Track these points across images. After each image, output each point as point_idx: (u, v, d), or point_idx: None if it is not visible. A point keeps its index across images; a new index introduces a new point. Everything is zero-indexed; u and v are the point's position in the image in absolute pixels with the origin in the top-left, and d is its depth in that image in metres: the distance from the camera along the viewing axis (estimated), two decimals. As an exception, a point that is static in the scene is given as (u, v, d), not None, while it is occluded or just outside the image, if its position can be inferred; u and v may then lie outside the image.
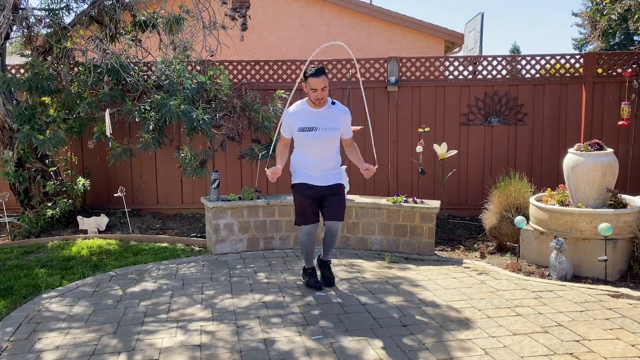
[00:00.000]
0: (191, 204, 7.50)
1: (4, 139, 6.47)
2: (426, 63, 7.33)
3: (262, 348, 3.25)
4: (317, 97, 3.98)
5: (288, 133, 4.16)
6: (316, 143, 4.07)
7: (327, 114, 4.08)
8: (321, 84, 3.93)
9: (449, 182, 7.20)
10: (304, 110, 4.10)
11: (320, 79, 3.93)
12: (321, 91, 3.96)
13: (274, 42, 11.02)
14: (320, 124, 4.04)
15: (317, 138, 4.05)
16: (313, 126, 4.04)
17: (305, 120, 4.06)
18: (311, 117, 4.06)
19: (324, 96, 4.00)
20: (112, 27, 6.44)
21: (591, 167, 4.86)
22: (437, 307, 3.88)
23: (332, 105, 4.13)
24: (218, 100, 6.68)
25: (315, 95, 3.97)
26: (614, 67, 7.09)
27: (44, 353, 3.26)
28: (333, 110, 4.11)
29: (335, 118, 4.09)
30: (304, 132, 4.05)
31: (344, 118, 4.14)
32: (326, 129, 4.05)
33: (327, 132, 4.05)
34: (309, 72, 3.98)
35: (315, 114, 4.07)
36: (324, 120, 4.06)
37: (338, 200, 4.17)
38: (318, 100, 4.00)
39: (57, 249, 5.72)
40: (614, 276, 4.63)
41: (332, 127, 4.06)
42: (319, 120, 4.05)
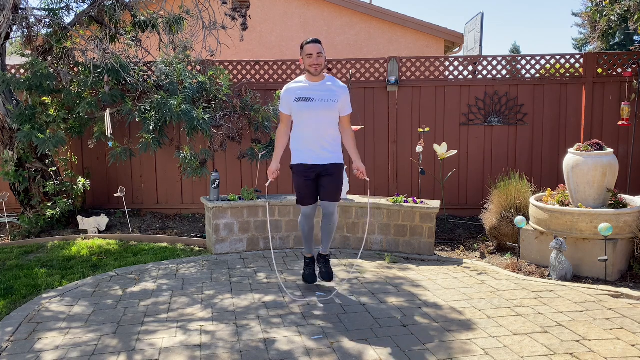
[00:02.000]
0: (191, 204, 7.50)
1: (4, 139, 6.47)
2: (426, 63, 7.33)
3: (262, 348, 3.25)
4: (313, 63, 4.00)
5: (286, 108, 4.16)
6: (313, 114, 4.04)
7: (325, 88, 4.10)
8: (316, 50, 3.99)
9: (449, 182, 7.20)
10: (302, 83, 4.14)
11: (315, 45, 4.00)
12: (317, 56, 3.99)
13: (274, 42, 11.02)
14: (317, 96, 4.05)
15: (313, 108, 4.03)
16: (310, 97, 4.05)
17: (302, 92, 4.08)
18: (308, 89, 4.08)
19: (320, 62, 4.02)
20: (112, 27, 6.45)
21: (591, 167, 4.86)
22: (437, 308, 3.88)
23: (332, 80, 4.16)
24: (218, 100, 6.69)
25: (311, 61, 4.00)
26: (614, 67, 7.09)
27: (44, 353, 3.26)
28: (331, 85, 4.13)
29: (333, 91, 4.09)
30: (300, 102, 4.05)
31: (341, 92, 4.13)
32: (322, 100, 4.04)
33: (324, 104, 4.04)
34: (304, 41, 4.06)
35: (313, 86, 4.09)
36: (321, 93, 4.06)
37: (333, 181, 4.13)
38: (314, 66, 4.01)
39: (57, 249, 5.72)
40: (614, 276, 4.63)
41: (329, 99, 4.05)
42: (316, 92, 4.06)
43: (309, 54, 4.00)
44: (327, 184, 4.13)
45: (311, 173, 4.12)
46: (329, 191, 4.13)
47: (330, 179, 4.12)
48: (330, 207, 4.16)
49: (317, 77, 4.10)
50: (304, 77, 4.16)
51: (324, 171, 4.11)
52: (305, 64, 4.06)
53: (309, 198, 4.17)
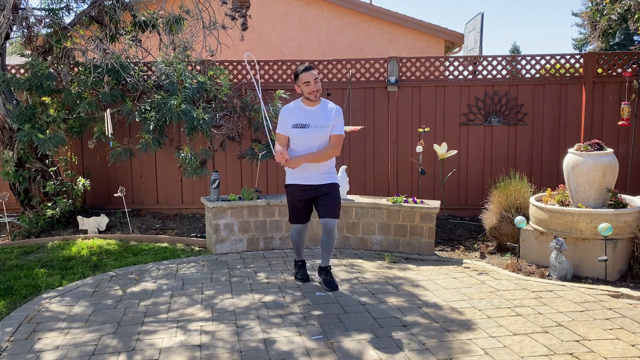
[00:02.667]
0: (191, 204, 7.50)
1: (4, 139, 6.47)
2: (426, 63, 7.33)
3: (262, 348, 3.25)
4: (312, 90, 4.09)
5: (284, 130, 4.23)
6: (308, 140, 4.13)
7: (321, 113, 4.18)
8: (313, 77, 4.08)
9: (449, 182, 7.19)
10: (299, 108, 4.22)
11: (310, 72, 4.09)
12: (314, 83, 4.08)
13: (274, 42, 11.02)
14: (312, 122, 4.14)
15: (308, 134, 4.13)
16: (306, 123, 4.14)
17: (299, 118, 4.17)
18: (305, 115, 4.17)
19: (318, 88, 4.11)
20: (112, 27, 6.45)
21: (591, 167, 4.86)
22: (437, 308, 3.88)
23: (326, 104, 4.23)
24: (218, 100, 6.69)
25: (310, 88, 4.09)
26: (614, 67, 7.09)
27: (44, 353, 3.26)
28: (325, 109, 4.21)
29: (328, 116, 4.17)
30: (296, 129, 4.16)
31: (335, 115, 4.19)
32: (317, 126, 4.14)
33: (318, 130, 4.13)
34: (299, 70, 4.14)
35: (309, 111, 4.18)
36: (317, 118, 4.15)
37: (331, 199, 4.19)
38: (313, 93, 4.09)
39: (57, 249, 5.72)
40: (614, 276, 4.63)
41: (324, 125, 4.15)
42: (312, 117, 4.15)
43: (306, 82, 4.08)
44: (325, 203, 4.19)
45: (305, 195, 4.22)
46: (329, 209, 4.18)
47: (327, 197, 4.20)
48: (330, 223, 4.19)
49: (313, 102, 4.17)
50: (300, 101, 4.24)
51: (319, 191, 4.21)
52: (304, 92, 4.13)
53: (301, 218, 4.34)
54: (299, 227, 4.38)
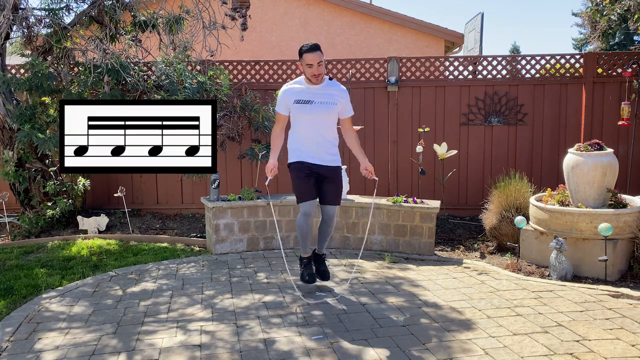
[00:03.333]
0: (191, 204, 7.50)
1: (4, 139, 6.47)
2: (426, 63, 7.33)
3: (262, 348, 3.25)
4: (314, 73, 3.90)
5: (284, 109, 4.07)
6: (312, 117, 3.98)
7: (324, 91, 4.02)
8: (317, 59, 3.86)
9: (449, 182, 7.19)
10: (301, 85, 4.04)
11: (315, 54, 3.86)
12: (317, 66, 3.87)
13: (274, 42, 11.02)
14: (316, 98, 3.98)
15: (313, 111, 3.97)
16: (309, 99, 3.97)
17: (302, 94, 4.00)
18: (308, 92, 4.00)
19: (320, 72, 3.91)
20: (112, 27, 6.45)
21: (591, 167, 4.86)
22: (438, 308, 3.88)
23: (330, 83, 4.08)
24: (218, 100, 6.69)
25: (311, 71, 3.89)
26: (614, 67, 7.09)
27: (44, 353, 3.26)
28: (330, 88, 4.05)
29: (332, 94, 4.02)
30: (299, 104, 3.97)
31: (341, 95, 4.07)
32: (322, 102, 3.97)
33: (324, 106, 3.97)
34: (303, 49, 3.91)
35: (312, 89, 4.00)
36: (321, 95, 3.99)
37: (334, 184, 4.11)
38: (315, 76, 3.92)
39: (57, 249, 5.72)
40: (614, 276, 4.63)
41: (329, 102, 3.99)
42: (315, 94, 3.99)
43: (309, 64, 3.88)
44: (327, 188, 4.10)
45: (310, 169, 4.05)
46: (330, 195, 4.11)
47: (330, 183, 4.10)
48: (331, 210, 4.14)
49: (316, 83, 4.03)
50: (303, 78, 4.06)
51: (323, 173, 4.07)
52: (306, 73, 3.95)
53: (309, 194, 4.05)
54: (307, 207, 4.01)
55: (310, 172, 4.05)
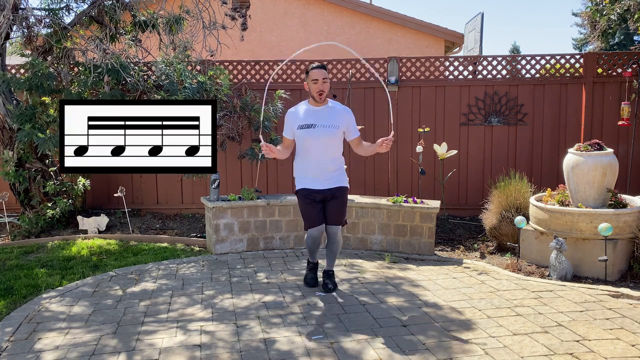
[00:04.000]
0: (191, 204, 7.50)
1: (4, 139, 6.47)
2: (426, 63, 7.33)
3: (262, 348, 3.25)
4: (319, 89, 4.00)
5: (290, 133, 4.16)
6: (316, 141, 4.05)
7: (327, 113, 4.10)
8: (322, 75, 4.00)
9: (449, 182, 7.19)
10: (304, 108, 4.15)
11: (320, 71, 4.02)
12: (322, 82, 3.99)
13: (274, 42, 11.02)
14: (319, 122, 4.05)
15: (316, 135, 4.03)
16: (312, 123, 4.05)
17: (305, 118, 4.08)
18: (311, 115, 4.08)
19: (325, 89, 4.02)
20: (112, 27, 6.44)
21: (591, 167, 4.86)
22: (437, 307, 3.88)
23: (333, 105, 4.17)
24: (218, 100, 6.69)
25: (317, 86, 4.00)
26: (614, 67, 7.09)
27: (44, 353, 3.26)
28: (333, 110, 4.13)
29: (335, 116, 4.09)
30: (303, 130, 4.06)
31: (344, 116, 4.13)
32: (324, 126, 4.04)
33: (326, 130, 4.04)
34: (310, 67, 4.07)
35: (315, 111, 4.09)
36: (323, 118, 4.06)
37: (338, 204, 4.18)
38: (319, 93, 4.01)
39: (57, 249, 5.72)
40: (614, 276, 4.63)
41: (332, 125, 4.05)
42: (318, 117, 4.06)
43: (314, 79, 4.00)
44: (332, 208, 4.17)
45: (317, 196, 4.14)
46: (334, 215, 4.18)
47: (335, 203, 4.17)
48: (334, 229, 4.21)
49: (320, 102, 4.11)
50: (307, 101, 4.18)
51: (329, 194, 4.16)
52: (311, 90, 4.05)
53: (317, 220, 4.14)
54: (314, 233, 4.16)
55: (316, 199, 4.15)
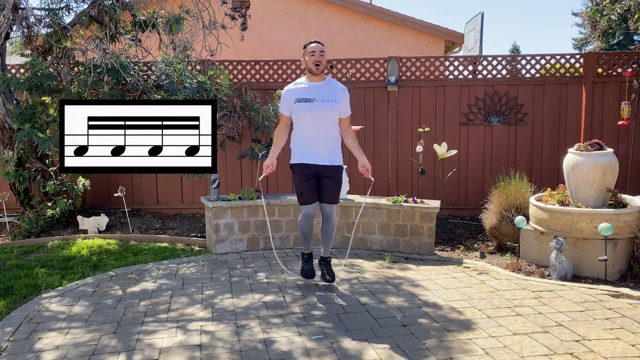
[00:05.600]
0: (191, 204, 7.50)
1: (4, 138, 6.47)
2: (426, 63, 7.33)
3: (261, 348, 3.25)
4: (316, 60, 4.05)
5: (287, 109, 4.18)
6: (314, 116, 4.06)
7: (325, 88, 4.13)
8: (319, 48, 4.08)
9: (449, 182, 7.19)
10: (302, 84, 4.17)
11: (317, 44, 4.11)
12: (319, 54, 4.06)
13: (274, 42, 11.02)
14: (317, 96, 4.07)
15: (314, 109, 4.05)
16: (310, 97, 4.07)
17: (303, 93, 4.10)
18: (309, 90, 4.11)
19: (322, 60, 4.07)
20: (112, 27, 6.44)
21: (591, 167, 4.85)
22: (437, 307, 3.88)
23: (332, 82, 4.20)
24: (218, 100, 6.68)
25: (314, 58, 4.05)
26: (614, 67, 7.09)
27: (44, 353, 3.26)
28: (331, 86, 4.16)
29: (333, 92, 4.12)
30: (301, 103, 4.07)
31: (341, 93, 4.16)
32: (323, 100, 4.06)
33: (325, 104, 4.06)
34: (306, 43, 4.16)
35: (313, 87, 4.12)
36: (322, 93, 4.09)
37: (333, 183, 4.16)
38: (317, 64, 4.05)
39: (57, 249, 5.72)
40: (614, 276, 4.63)
41: (330, 100, 4.08)
42: (316, 92, 4.09)
43: (311, 52, 4.07)
44: (326, 186, 4.16)
45: (311, 171, 4.13)
46: (328, 193, 4.18)
47: (329, 181, 4.15)
48: (328, 208, 4.21)
49: (317, 77, 4.13)
50: (304, 78, 4.19)
51: (324, 172, 4.13)
52: (308, 62, 4.09)
53: (310, 196, 4.17)
54: (308, 209, 4.18)
55: (311, 174, 4.13)
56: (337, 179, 4.19)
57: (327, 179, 4.15)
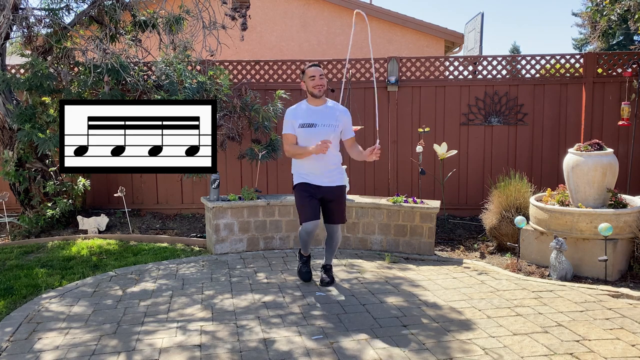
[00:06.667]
0: (191, 204, 7.50)
1: (4, 139, 6.47)
2: (426, 63, 7.33)
3: (261, 348, 3.25)
4: (317, 84, 4.13)
5: (291, 129, 4.24)
6: (315, 140, 4.11)
7: (326, 112, 4.22)
8: (318, 72, 4.16)
9: (449, 182, 7.19)
10: (304, 108, 4.26)
11: (316, 68, 4.19)
12: (319, 78, 4.14)
13: (274, 42, 11.02)
14: (319, 121, 4.17)
15: (316, 134, 4.13)
16: (313, 122, 4.16)
17: (305, 117, 4.19)
18: (311, 114, 4.20)
19: (322, 83, 4.15)
20: (112, 27, 6.44)
21: (591, 167, 4.85)
22: (437, 308, 3.88)
23: (332, 104, 4.28)
24: (218, 100, 6.68)
25: (314, 82, 4.13)
26: (614, 67, 7.09)
27: (44, 353, 3.26)
28: (332, 109, 4.25)
29: (334, 115, 4.21)
30: (304, 129, 4.17)
31: (342, 116, 4.25)
32: (325, 125, 4.16)
33: (327, 129, 4.15)
34: (306, 66, 4.26)
35: (315, 111, 4.21)
36: (323, 117, 4.18)
37: (339, 205, 4.29)
38: (318, 87, 4.13)
39: (57, 249, 5.72)
40: (614, 276, 4.63)
41: (331, 124, 4.17)
42: (318, 117, 4.18)
43: (311, 76, 4.15)
44: (333, 208, 4.28)
45: (314, 191, 4.20)
46: (335, 215, 4.30)
47: (335, 204, 4.27)
48: (335, 228, 4.32)
49: (318, 100, 4.22)
50: (306, 101, 4.29)
51: (327, 195, 4.22)
52: (309, 86, 4.18)
53: (312, 215, 4.18)
54: (310, 227, 4.17)
55: (313, 193, 4.21)
56: (342, 200, 4.31)
57: (331, 202, 4.25)
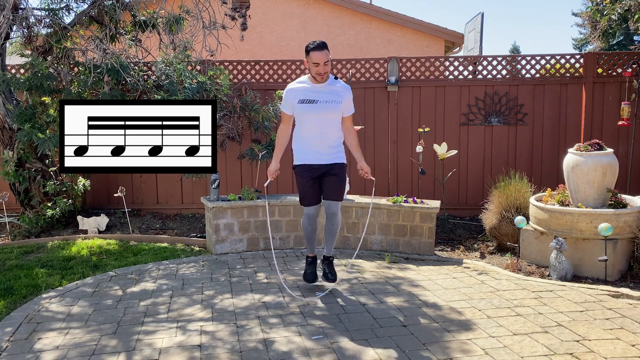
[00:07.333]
0: (191, 204, 7.50)
1: (4, 138, 6.47)
2: (426, 63, 7.33)
3: (261, 348, 3.25)
4: (319, 72, 3.90)
5: (289, 108, 4.09)
6: (317, 117, 4.00)
7: (329, 90, 4.03)
8: (323, 58, 3.85)
9: (449, 182, 7.19)
10: (305, 84, 4.05)
11: (322, 52, 3.85)
12: (323, 65, 3.87)
13: (274, 42, 11.02)
14: (320, 97, 3.99)
15: (317, 111, 3.98)
16: (314, 99, 3.98)
17: (306, 94, 4.00)
18: (312, 91, 4.01)
19: (326, 71, 3.92)
20: (112, 27, 6.45)
21: (591, 167, 4.85)
22: (437, 308, 3.88)
23: (334, 82, 4.08)
24: (218, 100, 6.69)
25: (317, 69, 3.89)
26: (614, 67, 7.08)
27: (44, 353, 3.26)
28: (334, 87, 4.06)
29: (337, 92, 4.03)
30: (304, 104, 3.99)
31: (345, 93, 4.07)
32: (327, 102, 3.98)
33: (328, 105, 3.98)
34: (310, 46, 3.89)
35: (317, 88, 4.01)
36: (325, 94, 4.00)
37: (337, 180, 4.11)
38: (320, 75, 3.92)
39: (57, 249, 5.72)
40: (614, 276, 4.63)
41: (334, 100, 4.00)
42: (319, 94, 4.00)
43: (315, 62, 3.88)
44: (330, 184, 4.11)
45: (315, 172, 4.11)
46: (333, 190, 4.12)
47: (333, 179, 4.11)
48: (333, 206, 4.15)
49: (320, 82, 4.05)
50: (307, 77, 4.08)
51: (327, 171, 4.10)
52: (311, 71, 3.96)
53: (313, 198, 4.15)
54: (310, 211, 4.17)
55: (314, 175, 4.11)
56: (340, 176, 4.15)
57: (330, 176, 4.11)
